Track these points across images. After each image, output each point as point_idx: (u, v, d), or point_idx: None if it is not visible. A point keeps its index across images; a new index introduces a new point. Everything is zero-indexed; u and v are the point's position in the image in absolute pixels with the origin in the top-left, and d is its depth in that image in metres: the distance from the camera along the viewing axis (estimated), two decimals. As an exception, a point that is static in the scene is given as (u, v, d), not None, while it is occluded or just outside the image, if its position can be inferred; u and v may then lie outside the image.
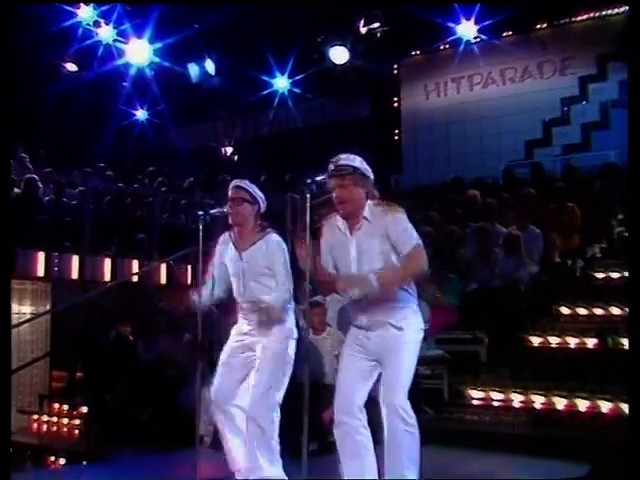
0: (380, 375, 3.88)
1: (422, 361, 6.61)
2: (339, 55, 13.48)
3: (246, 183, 4.60)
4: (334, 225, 3.99)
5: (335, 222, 3.98)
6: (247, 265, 4.52)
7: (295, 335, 4.52)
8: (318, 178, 3.94)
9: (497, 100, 13.51)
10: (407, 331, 3.86)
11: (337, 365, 4.23)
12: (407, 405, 3.75)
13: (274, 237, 4.55)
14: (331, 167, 3.86)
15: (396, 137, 14.89)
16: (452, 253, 8.41)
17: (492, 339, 7.20)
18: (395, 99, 14.91)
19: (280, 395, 4.38)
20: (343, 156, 3.88)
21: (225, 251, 4.66)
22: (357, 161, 3.88)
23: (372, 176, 3.92)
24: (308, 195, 3.85)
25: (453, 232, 8.79)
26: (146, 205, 11.64)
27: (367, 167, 3.91)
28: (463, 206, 10.00)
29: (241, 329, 4.58)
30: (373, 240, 3.82)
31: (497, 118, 13.37)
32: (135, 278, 9.80)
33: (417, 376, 3.96)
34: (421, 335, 3.94)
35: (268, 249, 4.47)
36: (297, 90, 15.32)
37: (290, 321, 4.55)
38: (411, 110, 14.70)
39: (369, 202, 3.89)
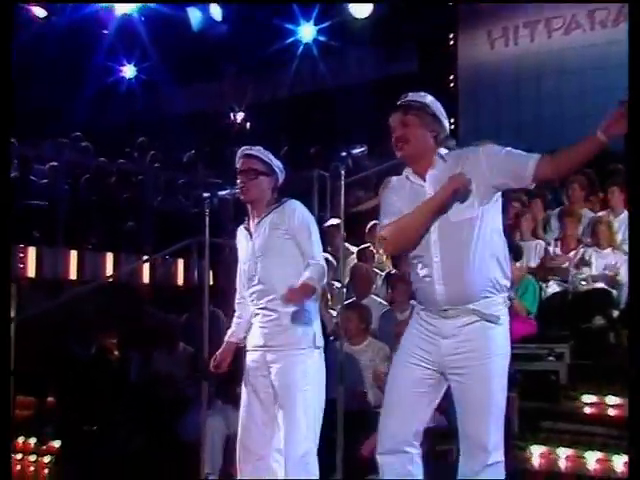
0: (449, 391, 3.82)
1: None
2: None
3: (259, 150, 4.64)
4: (402, 179, 3.98)
5: (403, 176, 3.98)
6: (259, 241, 4.56)
7: (320, 343, 4.55)
8: (355, 151, 3.98)
9: (583, 50, 13.40)
10: (503, 331, 3.79)
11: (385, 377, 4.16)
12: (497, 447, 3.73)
13: (294, 202, 4.59)
14: (398, 102, 3.90)
15: (451, 99, 14.82)
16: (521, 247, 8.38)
17: (576, 355, 7.16)
18: (450, 50, 14.85)
19: (318, 431, 4.43)
20: (412, 93, 3.94)
21: (239, 242, 4.71)
22: (428, 98, 3.93)
23: (447, 123, 3.94)
24: (342, 172, 3.88)
25: (522, 218, 8.76)
26: (135, 185, 11.74)
27: (442, 109, 3.94)
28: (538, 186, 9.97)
29: (253, 338, 4.62)
30: (472, 174, 3.75)
31: (583, 73, 13.26)
32: (122, 277, 9.90)
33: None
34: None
35: (286, 215, 4.51)
36: (325, 40, 15.33)
37: (315, 324, 4.58)
38: (471, 64, 14.61)
39: (441, 148, 3.89)
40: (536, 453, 6.27)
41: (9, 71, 4.09)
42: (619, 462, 5.91)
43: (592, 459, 6.03)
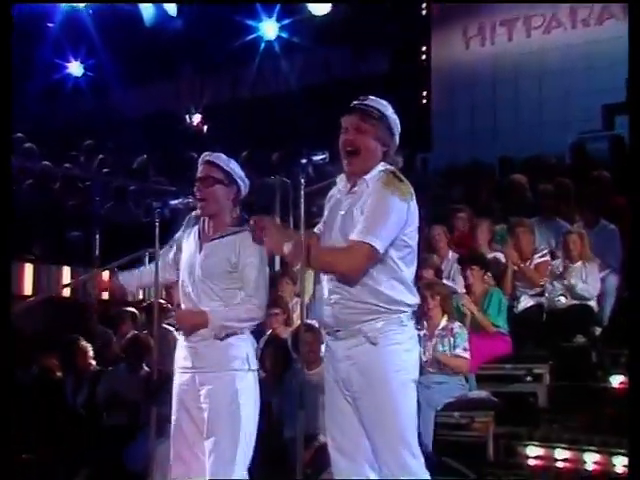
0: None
1: (458, 405, 6.73)
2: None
3: (219, 157, 4.61)
4: (339, 182, 4.06)
5: (338, 181, 4.06)
6: (205, 259, 4.53)
7: (254, 365, 4.54)
8: (317, 157, 3.97)
9: (564, 50, 13.51)
10: (396, 351, 3.83)
11: None
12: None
13: (249, 236, 4.52)
14: (353, 103, 3.93)
15: (424, 101, 14.91)
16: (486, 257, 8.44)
17: (555, 376, 7.20)
18: (423, 49, 14.93)
19: (247, 461, 4.42)
20: (373, 98, 3.96)
21: (186, 235, 4.70)
22: (389, 110, 3.96)
23: (397, 140, 3.98)
24: (303, 180, 3.88)
25: (478, 230, 8.84)
26: (82, 191, 11.67)
27: (397, 123, 3.98)
28: (507, 195, 10.04)
29: (182, 358, 4.61)
30: (357, 210, 3.85)
31: (564, 74, 13.37)
32: (66, 291, 9.83)
33: (447, 426, 3.97)
34: (411, 359, 3.91)
35: (241, 247, 4.47)
36: (290, 37, 15.36)
37: (248, 345, 4.55)
38: (445, 64, 14.72)
39: (381, 164, 3.93)
40: (513, 482, 6.31)
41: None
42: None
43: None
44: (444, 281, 8.00)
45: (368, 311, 3.78)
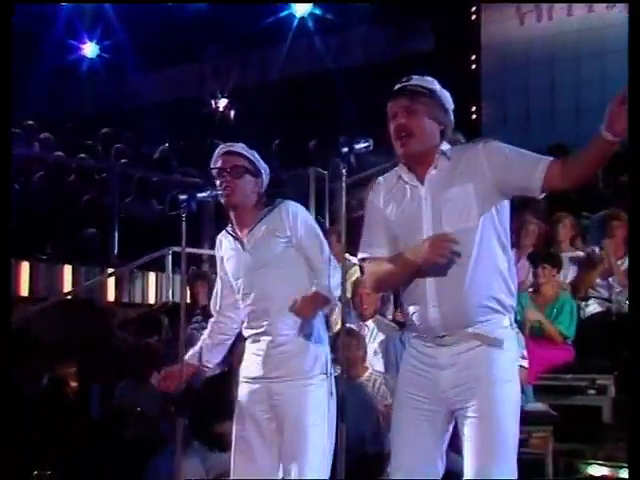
0: (457, 427, 3.82)
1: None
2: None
3: (243, 147, 4.68)
4: (392, 178, 3.99)
5: (393, 174, 3.99)
6: (256, 252, 4.58)
7: (332, 370, 4.58)
8: (358, 146, 3.96)
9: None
10: (509, 356, 3.79)
11: (389, 417, 4.20)
12: None
13: (290, 204, 4.62)
14: (397, 86, 3.91)
15: (473, 84, 14.87)
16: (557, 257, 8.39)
17: (621, 388, 7.18)
18: (472, 25, 14.89)
19: (328, 474, 4.45)
20: (417, 77, 3.94)
21: (225, 252, 4.73)
22: (436, 85, 3.94)
23: (452, 116, 3.95)
24: (344, 170, 3.88)
25: (559, 224, 8.76)
26: (99, 184, 11.75)
27: (449, 98, 3.96)
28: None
29: (251, 368, 4.64)
30: (463, 184, 3.77)
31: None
32: (82, 294, 9.92)
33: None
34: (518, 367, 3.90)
35: (285, 219, 4.53)
36: (324, 15, 15.38)
37: (326, 347, 4.59)
38: (497, 42, 14.67)
39: (446, 144, 3.89)
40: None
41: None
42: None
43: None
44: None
45: (483, 311, 3.73)
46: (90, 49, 17.10)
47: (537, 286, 7.72)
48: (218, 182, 4.64)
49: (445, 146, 3.87)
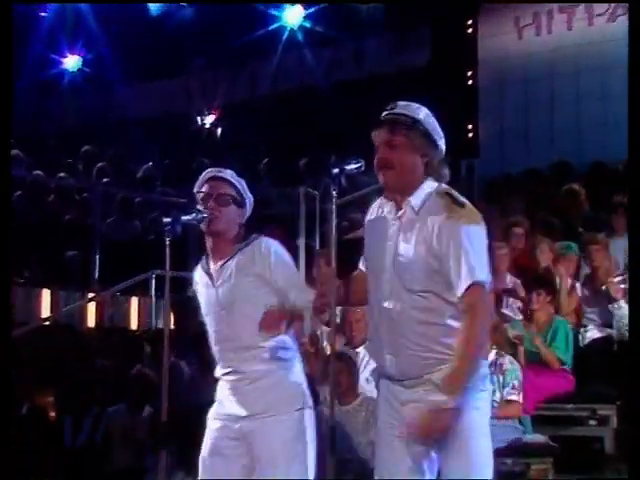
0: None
1: (511, 451, 6.70)
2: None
3: (233, 176, 4.69)
4: (377, 205, 4.04)
5: (381, 201, 4.03)
6: (224, 289, 4.57)
7: (310, 402, 4.56)
8: (349, 167, 3.98)
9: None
10: (471, 390, 3.80)
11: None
12: None
13: (266, 240, 4.61)
14: (383, 114, 3.91)
15: (470, 99, 14.91)
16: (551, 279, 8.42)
17: (624, 418, 7.18)
18: (469, 40, 14.95)
19: None
20: (402, 103, 3.93)
21: (198, 286, 4.75)
22: (422, 113, 3.92)
23: (442, 145, 3.95)
24: (334, 192, 3.90)
25: (538, 249, 8.80)
26: (79, 204, 11.74)
27: (437, 127, 3.94)
28: (564, 207, 10.03)
29: (223, 405, 4.63)
30: (417, 240, 3.82)
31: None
32: (61, 319, 9.90)
33: (499, 474, 3.97)
34: (484, 397, 3.91)
35: (257, 254, 4.53)
36: (316, 27, 15.43)
37: (303, 379, 4.58)
38: (495, 57, 14.72)
39: (429, 182, 3.91)
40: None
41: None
42: None
43: None
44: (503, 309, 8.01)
45: (438, 359, 3.77)
46: (71, 62, 17.10)
47: (530, 313, 7.73)
48: (202, 208, 4.65)
49: (417, 194, 3.86)
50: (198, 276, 4.74)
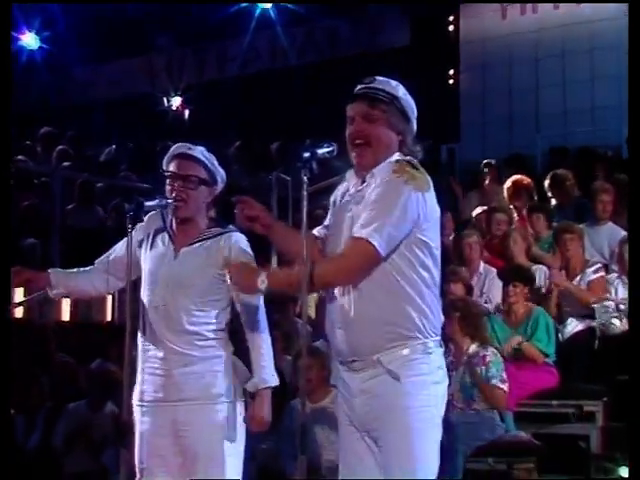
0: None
1: (492, 449, 6.73)
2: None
3: (202, 152, 4.70)
4: (345, 181, 4.13)
5: (347, 176, 4.11)
6: (182, 267, 4.61)
7: (238, 396, 4.63)
8: (322, 150, 3.99)
9: (620, 21, 13.52)
10: (420, 382, 3.86)
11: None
12: None
13: (239, 237, 4.65)
14: (358, 88, 3.98)
15: (451, 81, 14.95)
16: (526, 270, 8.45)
17: (611, 415, 7.22)
18: (451, 18, 14.97)
19: None
20: (380, 79, 4.00)
21: (146, 240, 4.76)
22: (400, 90, 4.00)
23: (414, 122, 4.02)
24: (306, 177, 3.90)
25: (510, 239, 8.83)
26: (39, 189, 11.69)
27: (413, 105, 4.02)
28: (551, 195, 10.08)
29: (151, 390, 4.65)
30: (363, 208, 3.88)
31: (619, 49, 13.32)
32: (19, 311, 9.86)
33: (478, 474, 3.99)
34: (438, 393, 3.93)
35: (223, 248, 4.58)
36: (289, 5, 15.40)
37: (226, 371, 4.61)
38: (477, 37, 14.75)
39: (397, 156, 3.96)
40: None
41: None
42: None
43: None
44: (475, 299, 8.02)
45: (389, 337, 3.81)
46: (30, 40, 17.00)
47: (508, 305, 7.77)
48: (168, 187, 4.66)
49: (382, 165, 3.92)
50: (159, 234, 4.75)
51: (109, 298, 10.43)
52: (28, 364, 8.51)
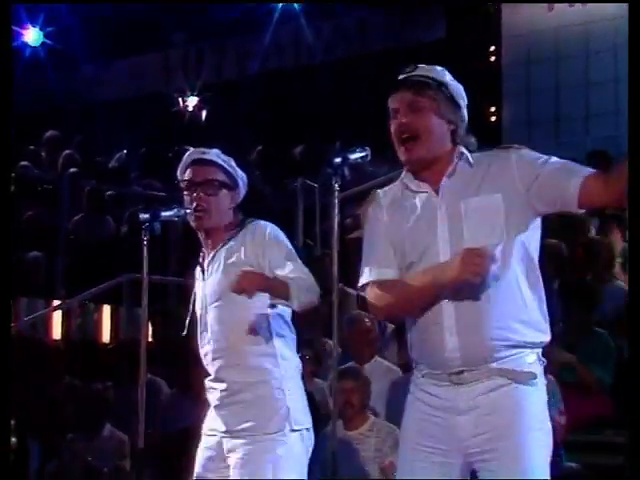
0: None
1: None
2: None
3: (218, 155, 4.69)
4: (395, 189, 3.95)
5: (396, 185, 3.95)
6: (211, 282, 4.60)
7: (299, 424, 4.56)
8: (355, 155, 4.00)
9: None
10: (539, 398, 3.79)
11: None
12: None
13: (260, 223, 4.60)
14: (401, 77, 3.90)
15: (493, 80, 14.91)
16: (592, 288, 8.41)
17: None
18: (491, 10, 14.94)
19: None
20: (424, 66, 3.92)
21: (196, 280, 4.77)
22: (447, 76, 3.93)
23: (465, 109, 3.94)
24: (337, 184, 3.91)
25: (591, 246, 8.80)
26: (43, 198, 11.73)
27: (462, 92, 3.94)
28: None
29: (209, 419, 4.66)
30: (489, 195, 3.76)
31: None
32: (22, 330, 9.90)
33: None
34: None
35: (247, 241, 4.53)
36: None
37: (290, 399, 4.56)
38: (521, 31, 14.74)
39: (461, 148, 3.86)
40: None
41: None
42: None
43: None
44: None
45: (509, 343, 3.72)
46: (33, 35, 17.06)
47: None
48: (186, 198, 4.66)
49: (463, 149, 3.83)
50: (197, 272, 4.76)
51: (106, 316, 10.48)
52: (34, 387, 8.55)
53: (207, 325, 4.59)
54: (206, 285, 4.61)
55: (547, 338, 3.81)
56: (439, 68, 3.93)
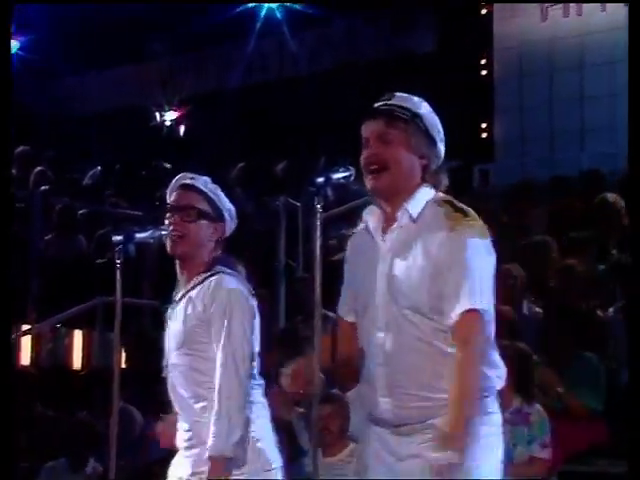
0: None
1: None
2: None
3: (206, 183, 4.66)
4: (363, 223, 4.00)
5: (365, 217, 3.99)
6: (174, 327, 4.56)
7: (272, 464, 4.52)
8: (338, 175, 4.00)
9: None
10: (484, 444, 3.79)
11: None
12: None
13: (226, 278, 4.50)
14: (377, 104, 3.92)
15: (484, 93, 14.94)
16: (587, 311, 8.44)
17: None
18: (483, 21, 14.99)
19: None
20: (400, 95, 3.94)
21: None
22: (423, 107, 3.94)
23: (442, 148, 3.95)
24: (319, 205, 3.90)
25: (573, 269, 8.82)
26: (15, 216, 11.71)
27: (439, 126, 3.95)
28: (593, 222, 10.04)
29: (175, 464, 4.63)
30: (415, 254, 3.80)
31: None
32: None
33: None
34: (497, 459, 3.88)
35: (207, 294, 4.45)
36: (299, 6, 15.45)
37: (262, 438, 4.51)
38: (514, 42, 14.78)
39: (426, 188, 3.90)
40: None
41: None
42: None
43: None
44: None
45: (440, 403, 3.74)
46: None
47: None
48: (167, 221, 4.59)
49: (413, 201, 3.85)
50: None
51: (78, 341, 10.44)
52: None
53: (167, 368, 4.58)
54: (171, 326, 4.59)
55: (496, 381, 3.86)
56: (416, 99, 3.95)
